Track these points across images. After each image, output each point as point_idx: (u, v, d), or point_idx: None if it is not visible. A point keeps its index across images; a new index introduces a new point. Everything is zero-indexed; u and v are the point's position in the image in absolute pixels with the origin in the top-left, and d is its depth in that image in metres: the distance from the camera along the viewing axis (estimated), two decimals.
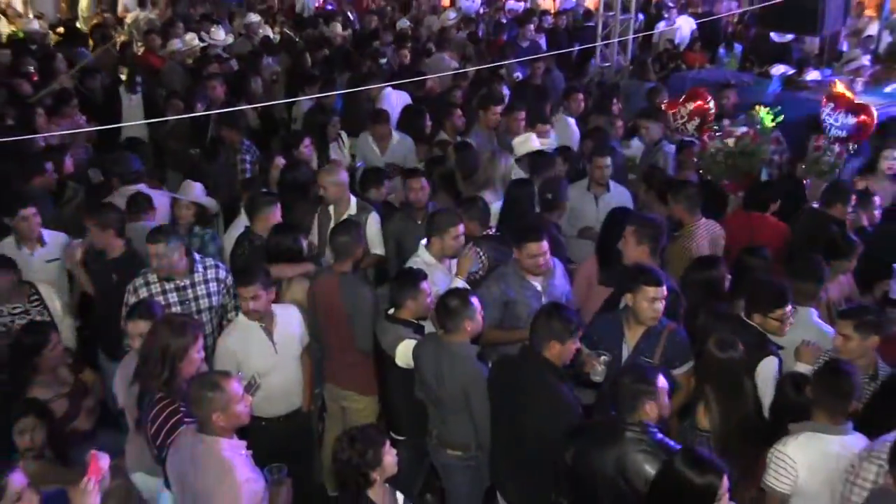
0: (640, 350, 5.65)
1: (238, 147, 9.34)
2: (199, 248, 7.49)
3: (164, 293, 6.39)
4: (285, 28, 16.85)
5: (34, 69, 12.25)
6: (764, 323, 5.66)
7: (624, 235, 6.42)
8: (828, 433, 4.74)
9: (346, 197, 7.63)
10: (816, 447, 4.70)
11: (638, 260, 6.23)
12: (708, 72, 13.33)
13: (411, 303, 5.89)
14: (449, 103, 10.58)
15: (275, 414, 6.02)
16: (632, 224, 6.49)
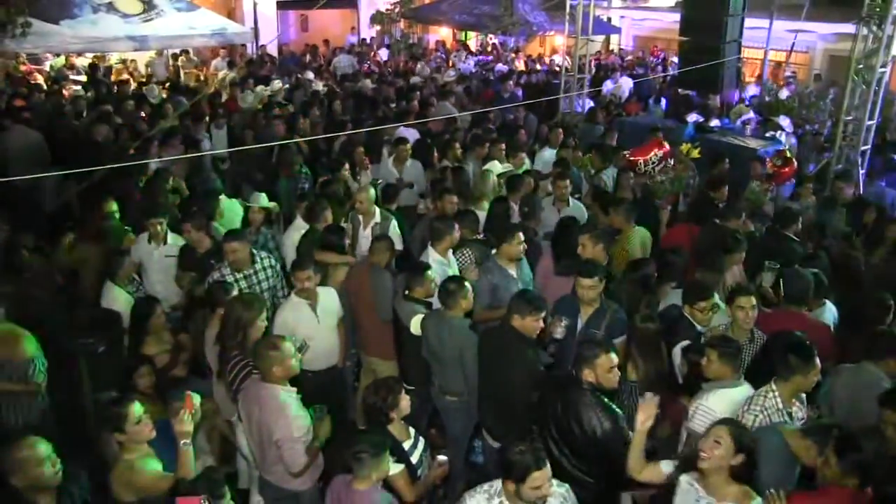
0: (590, 324, 5.62)
1: (296, 169, 9.28)
2: (264, 243, 7.50)
3: (236, 282, 6.36)
4: (329, 82, 16.79)
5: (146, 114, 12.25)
6: (692, 313, 5.62)
7: (582, 242, 6.37)
8: (730, 387, 4.74)
9: (373, 209, 7.60)
10: (726, 397, 4.70)
11: (595, 257, 6.23)
12: (641, 118, 13.37)
13: (419, 286, 5.88)
14: (449, 139, 10.50)
15: (318, 368, 6.00)
16: (585, 233, 6.48)
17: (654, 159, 9.28)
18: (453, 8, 21.11)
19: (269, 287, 6.59)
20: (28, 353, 5.36)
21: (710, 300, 5.62)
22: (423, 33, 24.73)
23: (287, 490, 4.81)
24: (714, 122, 12.01)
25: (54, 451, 3.85)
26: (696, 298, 5.61)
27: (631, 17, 24.52)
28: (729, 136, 10.98)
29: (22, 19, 14.20)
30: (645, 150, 9.40)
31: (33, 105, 12.71)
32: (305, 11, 18.80)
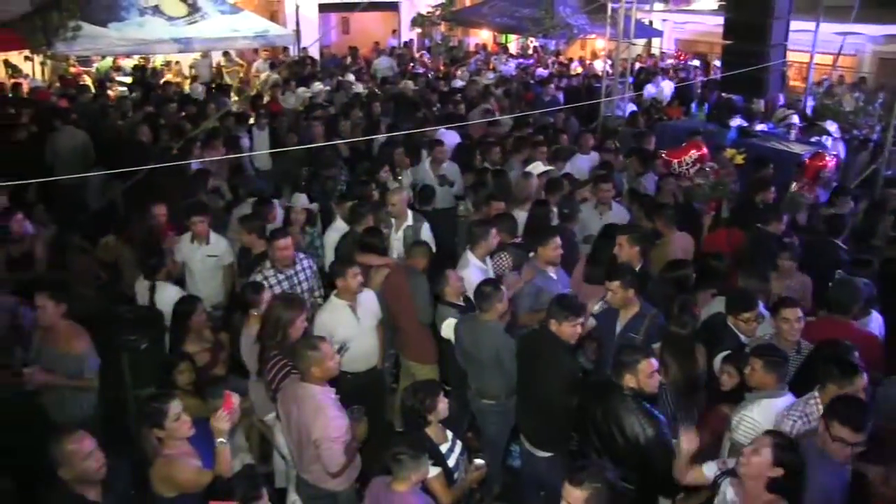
0: (628, 328, 5.55)
1: (335, 171, 9.30)
2: (310, 242, 7.52)
3: (279, 283, 6.42)
4: (370, 85, 16.84)
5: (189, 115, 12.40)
6: (736, 323, 5.50)
7: (619, 242, 6.32)
8: (773, 397, 4.63)
9: (406, 211, 7.60)
10: (769, 408, 4.59)
11: (630, 258, 6.18)
12: (683, 122, 13.18)
13: (446, 287, 5.91)
14: (490, 142, 10.45)
15: (356, 369, 5.99)
16: (624, 233, 6.42)
17: (688, 161, 9.19)
18: (494, 11, 21.04)
19: (308, 288, 6.62)
20: (83, 349, 5.44)
21: (755, 311, 5.47)
22: (464, 36, 24.69)
23: (324, 490, 4.80)
24: (758, 126, 11.82)
25: (99, 446, 3.89)
26: (740, 309, 5.48)
27: (673, 21, 24.25)
28: (773, 140, 10.78)
29: (73, 23, 14.52)
30: (682, 151, 9.31)
31: (81, 106, 12.90)
32: (347, 14, 18.86)
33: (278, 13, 22.04)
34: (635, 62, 19.01)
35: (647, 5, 22.40)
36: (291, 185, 9.57)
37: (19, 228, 7.27)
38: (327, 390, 4.67)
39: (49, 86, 15.14)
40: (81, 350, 5.46)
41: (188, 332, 5.87)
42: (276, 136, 11.62)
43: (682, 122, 13.18)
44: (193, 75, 18.13)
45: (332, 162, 9.39)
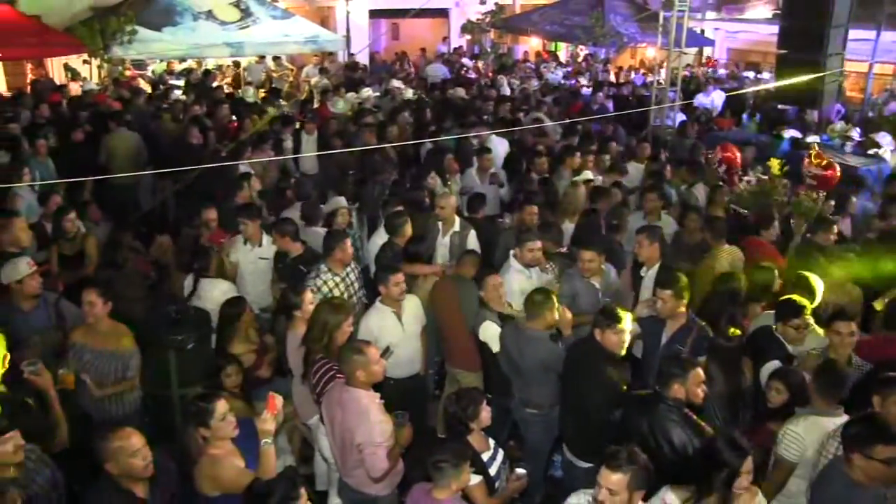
0: (675, 339, 5.48)
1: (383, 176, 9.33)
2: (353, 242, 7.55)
3: (336, 285, 6.45)
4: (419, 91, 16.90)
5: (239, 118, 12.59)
6: (785, 331, 5.41)
7: (638, 241, 6.50)
8: (825, 416, 4.51)
9: (454, 217, 7.59)
10: (818, 426, 4.47)
11: (651, 256, 6.40)
12: (734, 132, 13.02)
13: (487, 293, 5.91)
14: (538, 150, 10.41)
15: (401, 375, 5.98)
16: (643, 231, 6.59)
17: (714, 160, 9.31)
18: (544, 18, 21.02)
19: (358, 288, 6.68)
20: (126, 348, 5.53)
21: (804, 318, 5.41)
22: (513, 43, 24.67)
23: (366, 494, 4.81)
24: (811, 137, 11.58)
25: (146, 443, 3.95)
26: (790, 315, 5.42)
27: (725, 30, 23.93)
28: (828, 152, 10.57)
29: (129, 27, 14.87)
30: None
31: (135, 108, 13.17)
32: (397, 20, 18.99)
33: (329, 18, 22.28)
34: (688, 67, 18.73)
35: (700, 14, 22.14)
36: (337, 189, 9.62)
37: (72, 227, 7.40)
38: (372, 395, 4.68)
39: (104, 88, 15.47)
40: (125, 349, 5.52)
41: (235, 333, 5.92)
42: (324, 141, 11.72)
43: (733, 133, 13.00)
44: (247, 81, 18.38)
45: (381, 167, 9.42)
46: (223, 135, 11.68)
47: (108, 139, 11.01)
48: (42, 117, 12.23)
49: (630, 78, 18.97)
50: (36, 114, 12.40)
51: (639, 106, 13.87)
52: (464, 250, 6.99)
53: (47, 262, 7.17)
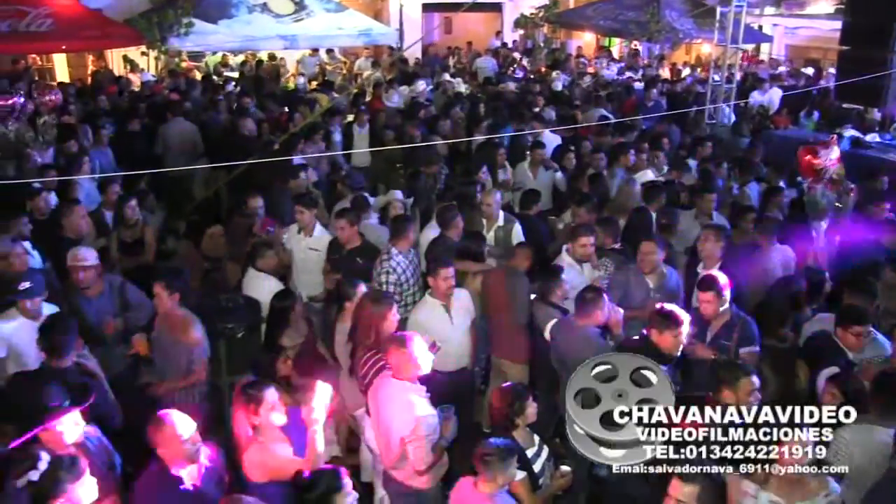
0: (720, 335, 5.46)
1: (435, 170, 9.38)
2: None
3: (407, 267, 6.60)
4: (471, 85, 16.89)
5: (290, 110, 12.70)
6: (844, 336, 5.29)
7: (705, 236, 6.42)
8: (879, 425, 4.40)
9: (498, 212, 7.59)
10: (869, 435, 4.36)
11: (713, 253, 6.28)
12: (792, 132, 12.73)
13: (555, 290, 5.85)
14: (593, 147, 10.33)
15: (448, 369, 5.96)
16: (711, 228, 6.51)
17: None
18: (598, 13, 20.83)
19: (421, 274, 6.74)
20: (194, 339, 5.58)
21: (866, 326, 5.27)
22: (567, 38, 24.48)
23: (410, 487, 4.82)
24: (872, 136, 11.27)
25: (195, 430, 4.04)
26: (851, 322, 5.27)
27: (784, 26, 23.40)
28: (891, 152, 10.29)
29: (186, 20, 15.15)
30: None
31: (190, 99, 13.40)
32: (450, 14, 19.01)
33: (382, 12, 22.36)
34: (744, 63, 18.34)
35: (758, 9, 21.69)
36: (388, 182, 9.69)
37: (132, 214, 7.56)
38: (418, 388, 4.70)
39: (161, 80, 15.78)
40: (193, 339, 5.56)
41: (285, 325, 5.95)
42: (375, 134, 11.79)
43: (790, 132, 12.73)
44: (299, 71, 18.57)
45: (433, 160, 9.46)
46: (275, 127, 11.83)
47: (165, 129, 11.22)
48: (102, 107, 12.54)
49: (685, 75, 18.68)
50: (96, 104, 12.72)
51: (693, 103, 13.66)
52: (516, 243, 7.00)
53: (106, 250, 7.34)
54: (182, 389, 5.60)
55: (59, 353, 4.89)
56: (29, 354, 5.38)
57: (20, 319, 5.51)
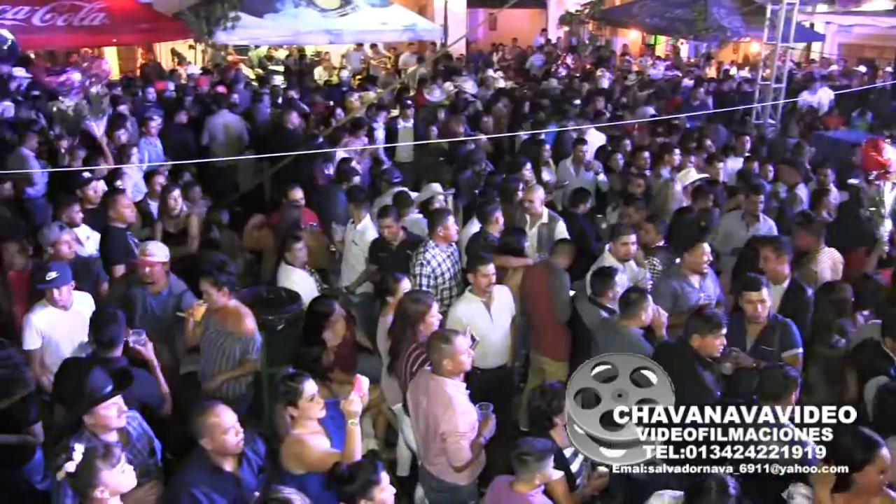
0: (762, 340, 5.36)
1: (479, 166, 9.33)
2: None
3: (444, 260, 6.58)
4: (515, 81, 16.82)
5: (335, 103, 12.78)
6: (893, 347, 5.12)
7: (765, 255, 6.08)
8: None
9: (542, 209, 7.54)
10: None
11: (777, 272, 5.96)
12: (843, 132, 12.45)
13: (606, 291, 5.81)
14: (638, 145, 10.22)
15: (487, 366, 5.96)
16: (769, 244, 6.19)
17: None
18: (644, 11, 20.59)
19: (460, 268, 6.73)
20: (247, 331, 5.59)
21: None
22: (612, 36, 24.27)
23: (447, 483, 4.82)
24: None
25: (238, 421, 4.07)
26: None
27: (837, 23, 22.90)
28: None
29: (233, 14, 15.32)
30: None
31: (237, 92, 13.54)
32: (494, 10, 18.96)
33: (427, 7, 22.36)
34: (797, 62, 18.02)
35: (810, 7, 21.24)
36: (430, 177, 9.66)
37: (176, 205, 7.66)
38: (458, 384, 4.69)
39: (208, 72, 15.97)
40: (246, 332, 5.56)
41: (325, 329, 5.88)
42: (419, 129, 11.80)
43: (841, 133, 12.45)
44: (343, 65, 18.66)
45: (473, 156, 9.43)
46: (319, 120, 11.91)
47: (211, 121, 11.35)
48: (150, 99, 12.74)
49: (732, 73, 18.39)
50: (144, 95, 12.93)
51: (741, 103, 13.44)
52: (557, 239, 6.93)
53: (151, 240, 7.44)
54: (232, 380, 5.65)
55: (110, 346, 4.94)
56: (63, 344, 5.46)
57: (50, 309, 5.56)
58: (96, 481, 3.57)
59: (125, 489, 3.71)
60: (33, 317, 5.53)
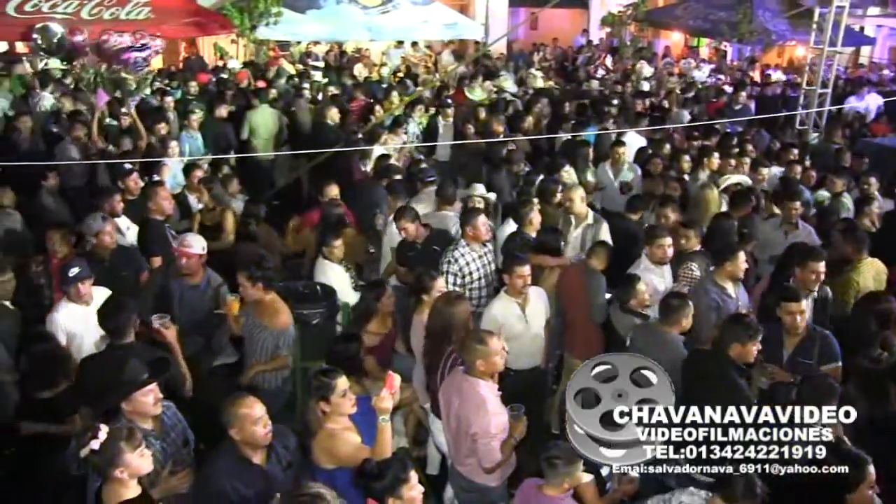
0: (798, 353, 5.27)
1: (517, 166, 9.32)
2: None
3: (473, 260, 6.53)
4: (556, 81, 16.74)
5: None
6: None
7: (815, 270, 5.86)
8: None
9: (586, 210, 7.47)
10: None
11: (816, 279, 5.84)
12: (891, 140, 12.18)
13: (632, 298, 5.74)
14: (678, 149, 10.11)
15: (520, 367, 5.93)
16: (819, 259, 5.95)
17: None
18: (688, 13, 20.40)
19: (493, 269, 6.68)
20: (281, 326, 5.62)
21: None
22: (654, 38, 24.05)
23: (477, 484, 4.81)
24: None
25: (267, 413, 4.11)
26: None
27: (889, 27, 22.40)
28: None
29: (276, 9, 15.46)
30: None
31: (277, 87, 13.65)
32: (536, 10, 18.88)
33: (468, 6, 22.33)
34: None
35: (861, 10, 20.80)
36: (469, 176, 9.66)
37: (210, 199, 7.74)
38: (491, 385, 4.67)
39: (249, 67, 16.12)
40: (280, 326, 5.60)
41: (374, 314, 5.94)
42: (458, 128, 11.80)
43: (889, 140, 12.18)
44: (383, 63, 18.72)
45: (512, 156, 9.39)
46: (359, 117, 11.96)
47: (251, 116, 11.45)
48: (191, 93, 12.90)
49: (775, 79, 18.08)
50: (186, 89, 13.09)
51: (784, 108, 13.22)
52: (595, 241, 6.88)
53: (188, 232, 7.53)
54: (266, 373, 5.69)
55: (120, 334, 5.01)
56: (85, 339, 5.51)
57: (71, 306, 5.60)
58: (118, 461, 3.64)
59: (143, 472, 3.78)
60: (57, 315, 5.58)
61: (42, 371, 5.07)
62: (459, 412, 4.66)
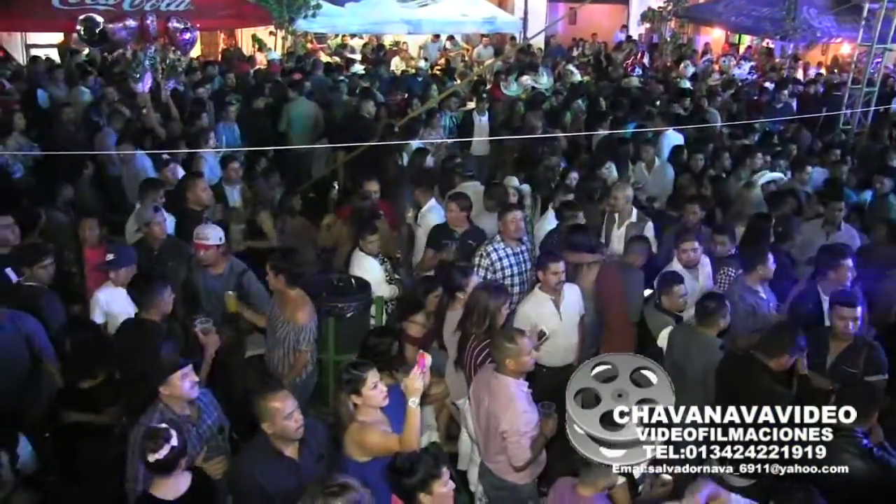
0: (842, 361, 5.17)
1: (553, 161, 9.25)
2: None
3: (507, 256, 6.52)
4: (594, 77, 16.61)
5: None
6: None
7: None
8: None
9: (630, 208, 7.40)
10: None
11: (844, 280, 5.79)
12: None
13: (669, 298, 5.69)
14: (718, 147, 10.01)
15: (553, 364, 5.90)
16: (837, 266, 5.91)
17: None
18: (730, 9, 20.07)
19: (529, 267, 6.64)
20: (303, 321, 5.62)
21: None
22: (695, 34, 23.76)
23: (506, 481, 4.80)
24: None
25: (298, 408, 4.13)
26: None
27: None
28: None
29: (314, 2, 15.53)
30: None
31: (315, 80, 13.70)
32: (575, 5, 18.77)
33: (507, 0, 22.27)
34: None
35: None
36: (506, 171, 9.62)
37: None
38: (521, 383, 4.66)
39: (287, 59, 16.22)
40: (301, 321, 5.60)
41: (422, 307, 5.96)
42: (493, 123, 11.75)
43: None
44: (421, 56, 18.73)
45: (553, 152, 9.35)
46: (396, 110, 11.97)
47: (289, 108, 11.51)
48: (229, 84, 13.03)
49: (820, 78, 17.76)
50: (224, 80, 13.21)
51: (828, 107, 12.97)
52: (631, 237, 6.84)
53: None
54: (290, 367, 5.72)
55: (145, 306, 5.29)
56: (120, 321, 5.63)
57: (112, 288, 5.85)
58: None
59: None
60: (100, 294, 5.88)
61: (82, 361, 5.18)
62: (489, 409, 4.65)
